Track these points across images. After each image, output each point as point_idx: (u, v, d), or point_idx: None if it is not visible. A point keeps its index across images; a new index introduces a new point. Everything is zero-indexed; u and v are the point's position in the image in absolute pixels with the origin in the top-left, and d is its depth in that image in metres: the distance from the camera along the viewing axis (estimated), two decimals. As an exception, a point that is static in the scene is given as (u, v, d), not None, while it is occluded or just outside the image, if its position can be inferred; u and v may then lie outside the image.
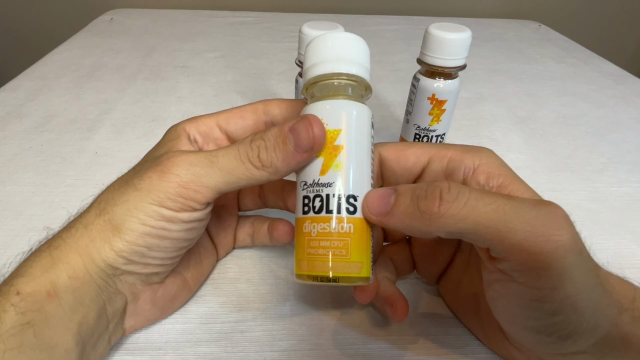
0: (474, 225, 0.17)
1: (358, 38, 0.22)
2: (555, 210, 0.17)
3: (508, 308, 0.19)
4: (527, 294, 0.17)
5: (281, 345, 0.24)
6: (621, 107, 0.52)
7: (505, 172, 0.20)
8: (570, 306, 0.17)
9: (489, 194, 0.18)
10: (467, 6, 0.87)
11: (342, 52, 0.21)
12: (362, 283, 0.20)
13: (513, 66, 0.63)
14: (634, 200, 0.37)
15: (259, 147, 0.20)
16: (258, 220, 0.28)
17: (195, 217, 0.21)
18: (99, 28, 0.71)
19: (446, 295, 0.26)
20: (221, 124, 0.24)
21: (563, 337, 0.18)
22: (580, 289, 0.17)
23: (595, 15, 0.90)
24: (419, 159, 0.22)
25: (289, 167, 0.20)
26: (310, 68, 0.21)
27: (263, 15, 0.79)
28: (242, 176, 0.20)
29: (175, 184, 0.20)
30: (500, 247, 0.17)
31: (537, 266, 0.16)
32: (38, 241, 0.21)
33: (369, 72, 0.22)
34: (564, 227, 0.16)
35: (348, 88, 0.21)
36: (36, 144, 0.40)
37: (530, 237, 0.16)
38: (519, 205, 0.17)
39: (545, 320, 0.17)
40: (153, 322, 0.24)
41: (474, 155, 0.21)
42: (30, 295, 0.18)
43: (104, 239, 0.20)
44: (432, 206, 0.17)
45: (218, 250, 0.27)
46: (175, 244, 0.21)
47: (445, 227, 0.17)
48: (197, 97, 0.50)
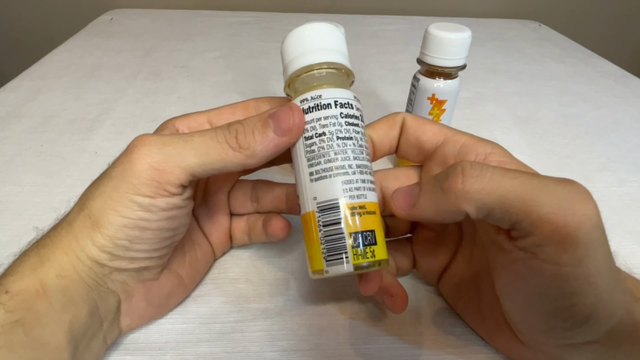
0: (500, 199, 0.17)
1: (331, 26, 0.22)
2: (579, 187, 0.17)
3: (525, 290, 0.18)
4: (548, 272, 0.17)
5: (281, 345, 0.24)
6: (621, 107, 0.52)
7: (517, 162, 0.21)
8: (590, 286, 0.16)
9: (511, 170, 0.17)
10: (467, 6, 0.87)
11: (317, 43, 0.21)
12: (386, 266, 0.20)
13: (513, 66, 0.63)
14: (634, 200, 0.37)
15: (237, 130, 0.20)
16: (253, 217, 0.27)
17: (173, 203, 0.20)
18: (99, 28, 0.71)
19: (447, 292, 0.26)
20: (212, 120, 0.24)
21: (579, 322, 0.17)
22: (600, 269, 0.16)
23: (595, 15, 0.90)
24: (435, 136, 0.23)
25: (267, 151, 0.20)
26: (289, 64, 0.22)
27: (263, 15, 0.79)
28: (217, 157, 0.20)
29: (147, 165, 0.19)
30: (528, 220, 0.17)
31: (563, 239, 0.16)
32: (28, 242, 0.21)
33: (347, 58, 0.22)
34: (590, 203, 0.16)
35: (330, 76, 0.21)
36: (36, 144, 0.40)
37: (557, 209, 0.16)
38: (544, 180, 0.17)
39: (564, 301, 0.17)
40: (149, 321, 0.24)
41: (486, 144, 0.21)
42: (19, 294, 0.18)
43: (85, 235, 0.19)
44: (455, 183, 0.17)
45: (214, 249, 0.27)
46: (158, 234, 0.21)
47: (472, 202, 0.17)
48: (197, 97, 0.50)
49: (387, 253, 0.21)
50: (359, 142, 0.21)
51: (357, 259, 0.19)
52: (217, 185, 0.27)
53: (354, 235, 0.19)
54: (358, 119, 0.21)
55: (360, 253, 0.19)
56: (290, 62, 0.22)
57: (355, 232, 0.19)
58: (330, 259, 0.20)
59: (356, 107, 0.21)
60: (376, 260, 0.20)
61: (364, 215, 0.20)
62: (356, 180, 0.20)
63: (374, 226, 0.20)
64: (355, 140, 0.21)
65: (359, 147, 0.21)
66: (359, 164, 0.20)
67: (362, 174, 0.20)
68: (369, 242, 0.20)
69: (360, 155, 0.21)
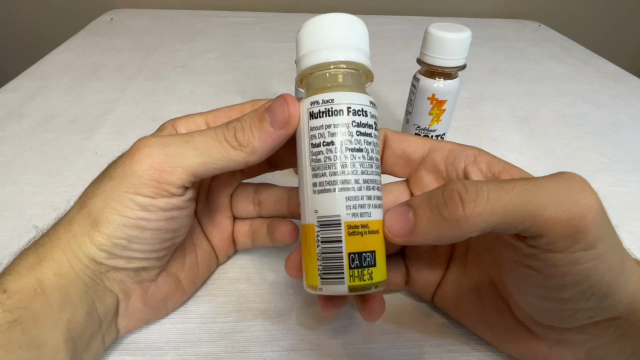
0: (503, 216, 0.17)
1: (355, 19, 0.20)
2: (572, 177, 0.17)
3: (542, 282, 0.18)
4: (564, 260, 0.17)
5: (281, 344, 0.24)
6: (621, 107, 0.52)
7: (503, 162, 0.21)
8: (604, 264, 0.17)
9: (506, 181, 0.18)
10: (467, 6, 0.87)
11: (338, 36, 0.19)
12: (383, 287, 0.20)
13: (513, 66, 0.63)
14: (634, 200, 0.37)
15: (236, 128, 0.20)
16: (256, 222, 0.27)
17: (173, 203, 0.20)
18: (99, 28, 0.71)
19: (446, 306, 0.25)
20: (209, 122, 0.24)
21: (600, 299, 0.17)
22: (610, 247, 0.17)
23: (595, 15, 0.90)
24: (420, 146, 0.23)
25: (266, 146, 0.20)
26: (304, 57, 0.20)
27: (263, 15, 0.80)
28: (219, 156, 0.20)
29: (148, 165, 0.19)
30: (535, 226, 0.17)
31: (573, 232, 0.16)
32: (27, 240, 0.21)
33: (368, 56, 0.20)
34: (587, 189, 0.17)
35: (348, 77, 0.20)
36: (36, 144, 0.40)
37: (560, 206, 0.16)
38: (539, 182, 0.17)
39: (583, 284, 0.17)
40: (147, 323, 0.24)
41: (472, 148, 0.22)
42: (17, 293, 0.18)
43: (84, 234, 0.19)
44: (456, 211, 0.17)
45: (217, 254, 0.27)
46: (157, 235, 0.20)
47: (476, 226, 0.17)
48: (197, 97, 0.50)
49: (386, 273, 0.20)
50: (370, 154, 0.19)
51: (353, 280, 0.19)
52: (219, 188, 0.27)
53: (352, 255, 0.18)
54: (371, 127, 0.20)
55: (358, 275, 0.18)
56: (305, 56, 0.20)
57: (354, 252, 0.19)
58: (325, 277, 0.19)
59: (371, 115, 0.20)
60: (373, 283, 0.19)
61: (365, 235, 0.19)
62: (361, 197, 0.19)
63: (375, 247, 0.19)
64: (366, 152, 0.19)
65: (369, 159, 0.19)
66: (367, 178, 0.19)
67: (368, 189, 0.19)
68: (367, 263, 0.19)
69: (369, 169, 0.19)
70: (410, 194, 0.24)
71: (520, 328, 0.21)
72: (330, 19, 0.19)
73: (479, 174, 0.21)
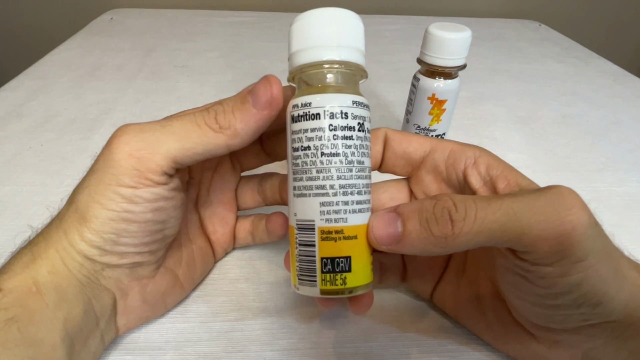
0: (489, 235, 0.17)
1: (344, 12, 0.19)
2: (560, 192, 0.17)
3: (532, 290, 0.19)
4: (554, 273, 0.17)
5: (281, 344, 0.24)
6: (621, 107, 0.52)
7: (503, 163, 0.21)
8: (595, 273, 0.17)
9: (494, 199, 0.17)
10: (467, 6, 0.87)
11: (322, 35, 0.19)
12: (360, 292, 0.20)
13: (513, 66, 0.63)
14: (634, 200, 0.37)
15: (217, 111, 0.20)
16: (258, 217, 0.27)
17: (157, 193, 0.20)
18: (99, 28, 0.71)
19: (445, 305, 0.25)
20: None
21: (593, 305, 0.17)
22: (601, 256, 0.17)
23: (595, 15, 0.90)
24: (421, 145, 0.22)
25: (249, 128, 0.20)
26: (292, 56, 0.20)
27: (263, 15, 0.79)
28: (198, 140, 0.20)
29: (126, 154, 0.19)
30: (521, 244, 0.17)
31: (560, 249, 0.16)
32: (23, 240, 0.21)
33: (360, 51, 0.20)
34: (574, 205, 0.17)
35: (332, 77, 0.19)
36: (36, 144, 0.40)
37: (546, 226, 0.16)
38: (526, 200, 0.17)
39: (574, 292, 0.17)
40: (146, 321, 0.24)
41: (473, 149, 0.22)
42: (12, 292, 0.18)
43: (74, 230, 0.19)
44: (445, 230, 0.17)
45: (215, 249, 0.27)
46: (144, 227, 0.20)
47: (463, 245, 0.17)
48: (197, 97, 0.50)
49: (372, 275, 0.20)
50: (349, 157, 0.19)
51: (325, 284, 0.19)
52: (222, 182, 0.27)
53: (324, 260, 0.19)
54: (353, 130, 0.19)
55: (330, 279, 0.19)
56: (294, 54, 0.20)
57: (327, 257, 0.19)
58: (301, 278, 0.19)
59: (353, 116, 0.19)
60: (347, 288, 0.19)
61: (340, 241, 0.19)
62: (336, 203, 0.18)
63: (350, 252, 0.19)
64: (344, 156, 0.19)
65: (348, 164, 0.19)
66: (344, 183, 0.19)
67: (345, 195, 0.19)
68: (341, 269, 0.19)
69: (348, 174, 0.19)
70: (410, 192, 0.24)
71: (519, 328, 0.21)
72: (317, 15, 0.19)
73: (477, 177, 0.21)
